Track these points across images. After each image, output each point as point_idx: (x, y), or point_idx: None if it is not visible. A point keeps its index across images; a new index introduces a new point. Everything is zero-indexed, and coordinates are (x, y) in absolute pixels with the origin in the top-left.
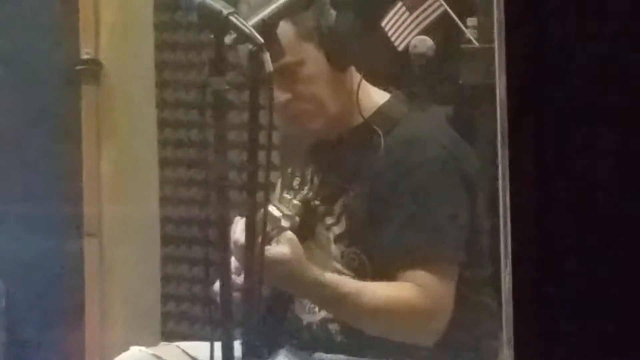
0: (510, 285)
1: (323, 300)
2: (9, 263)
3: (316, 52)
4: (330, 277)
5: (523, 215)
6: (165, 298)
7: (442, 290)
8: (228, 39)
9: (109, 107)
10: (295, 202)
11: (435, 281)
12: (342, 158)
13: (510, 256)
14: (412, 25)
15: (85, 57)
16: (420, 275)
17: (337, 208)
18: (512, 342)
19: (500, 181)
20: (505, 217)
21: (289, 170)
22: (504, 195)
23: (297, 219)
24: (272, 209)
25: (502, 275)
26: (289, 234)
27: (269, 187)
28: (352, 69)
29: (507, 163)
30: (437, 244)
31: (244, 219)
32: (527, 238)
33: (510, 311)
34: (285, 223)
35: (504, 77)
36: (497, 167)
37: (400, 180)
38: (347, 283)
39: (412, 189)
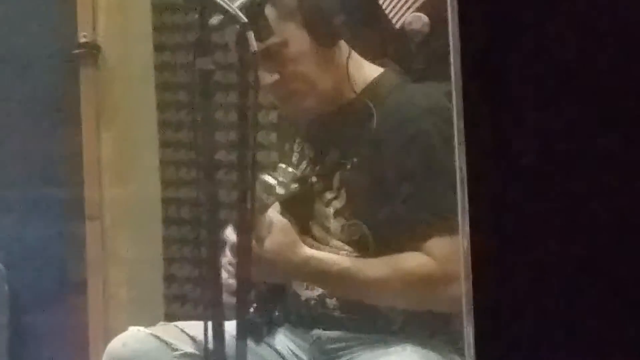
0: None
1: (326, 280)
2: (11, 247)
3: (299, 31)
4: (328, 255)
5: (481, 183)
6: (168, 280)
7: (454, 256)
8: (215, 20)
9: (108, 90)
10: (290, 170)
11: (447, 248)
12: (337, 132)
13: (467, 222)
14: (410, 2)
15: (82, 40)
16: (432, 244)
17: (336, 182)
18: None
19: (457, 152)
20: (462, 185)
21: (287, 146)
22: (461, 162)
23: (292, 186)
24: (267, 178)
25: (460, 242)
26: (279, 223)
27: (255, 168)
28: (341, 43)
29: (462, 138)
30: (444, 212)
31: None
32: (485, 205)
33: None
34: (280, 190)
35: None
36: None
37: (401, 150)
38: (347, 259)
39: (414, 158)
